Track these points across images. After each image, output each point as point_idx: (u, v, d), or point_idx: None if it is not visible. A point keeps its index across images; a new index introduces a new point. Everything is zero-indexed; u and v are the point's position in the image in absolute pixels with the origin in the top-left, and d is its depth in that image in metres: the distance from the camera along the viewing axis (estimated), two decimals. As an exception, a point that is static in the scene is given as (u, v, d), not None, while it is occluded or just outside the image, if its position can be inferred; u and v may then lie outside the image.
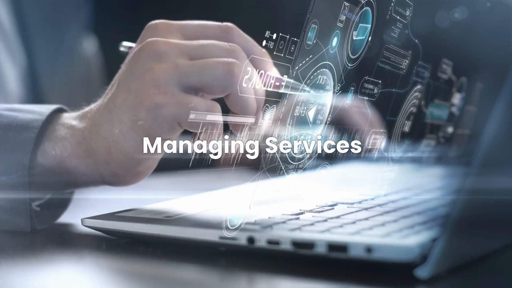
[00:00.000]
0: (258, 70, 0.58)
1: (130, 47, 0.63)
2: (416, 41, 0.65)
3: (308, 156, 0.59)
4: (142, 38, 0.60)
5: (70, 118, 0.62)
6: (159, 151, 0.59)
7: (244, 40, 0.60)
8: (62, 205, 0.64)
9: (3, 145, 0.59)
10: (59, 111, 0.63)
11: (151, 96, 0.56)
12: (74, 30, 1.12)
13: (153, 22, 0.60)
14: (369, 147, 0.65)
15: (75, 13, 1.14)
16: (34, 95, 1.03)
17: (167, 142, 0.58)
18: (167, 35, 0.59)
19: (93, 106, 0.62)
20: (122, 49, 0.64)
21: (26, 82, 1.03)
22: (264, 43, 0.58)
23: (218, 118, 0.57)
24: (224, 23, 0.60)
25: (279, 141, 0.57)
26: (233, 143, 0.57)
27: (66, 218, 0.64)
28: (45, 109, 0.62)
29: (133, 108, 0.57)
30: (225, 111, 0.58)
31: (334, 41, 0.58)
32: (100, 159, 0.59)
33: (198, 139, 0.56)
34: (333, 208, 0.58)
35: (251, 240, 0.50)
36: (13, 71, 1.01)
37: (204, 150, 0.56)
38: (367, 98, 0.63)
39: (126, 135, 0.58)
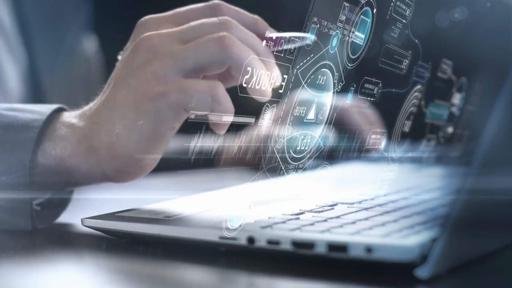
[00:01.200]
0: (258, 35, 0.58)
1: None
2: (416, 41, 0.65)
3: (308, 156, 0.59)
4: (135, 35, 0.60)
5: (70, 117, 0.62)
6: (166, 141, 0.58)
7: (234, 12, 0.60)
8: (62, 204, 0.64)
9: (4, 145, 0.59)
10: (59, 111, 0.63)
11: (153, 88, 0.57)
12: (74, 29, 1.12)
13: (143, 18, 0.61)
14: (369, 146, 0.65)
15: (75, 12, 1.14)
16: (34, 95, 1.03)
17: (173, 131, 0.58)
18: (159, 28, 0.59)
19: (91, 104, 0.62)
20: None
21: (26, 81, 1.03)
22: (264, 43, 0.58)
23: (223, 96, 0.56)
24: (211, 1, 0.60)
25: (279, 140, 0.57)
26: (234, 140, 0.57)
27: (66, 218, 0.64)
28: (46, 108, 0.62)
29: (136, 103, 0.57)
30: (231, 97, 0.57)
31: (334, 41, 0.58)
32: (103, 157, 0.59)
33: (209, 120, 0.56)
34: (333, 208, 0.58)
35: (251, 240, 0.50)
36: (13, 70, 1.01)
37: (216, 130, 0.56)
38: (367, 98, 0.63)
39: (131, 129, 0.58)
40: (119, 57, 0.61)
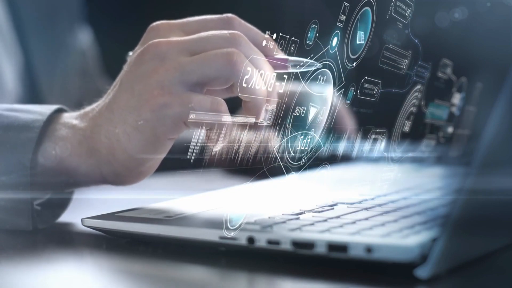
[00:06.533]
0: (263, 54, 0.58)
1: None
2: (416, 41, 0.65)
3: (308, 156, 0.59)
4: (145, 40, 0.60)
5: (70, 117, 0.62)
6: (163, 150, 0.59)
7: (246, 29, 0.59)
8: (63, 204, 0.64)
9: (4, 145, 0.59)
10: (59, 111, 0.63)
11: (156, 97, 0.56)
12: (71, 28, 1.12)
13: (155, 23, 0.61)
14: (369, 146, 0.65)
15: (72, 12, 1.14)
16: (32, 94, 1.03)
17: (171, 141, 0.58)
18: (169, 35, 0.59)
19: (94, 106, 0.62)
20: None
21: (24, 81, 1.03)
22: (264, 43, 0.58)
23: (224, 115, 0.56)
24: (225, 15, 0.60)
25: (279, 141, 0.57)
26: (234, 141, 0.57)
27: (66, 218, 0.64)
28: (46, 109, 0.62)
29: (138, 109, 0.57)
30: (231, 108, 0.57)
31: (334, 41, 0.58)
32: (102, 159, 0.59)
33: (207, 136, 0.56)
34: (333, 208, 0.58)
35: (251, 240, 0.50)
36: (11, 71, 1.01)
37: (213, 146, 0.56)
38: (367, 98, 0.63)
39: (130, 135, 0.58)
40: (127, 59, 0.61)
